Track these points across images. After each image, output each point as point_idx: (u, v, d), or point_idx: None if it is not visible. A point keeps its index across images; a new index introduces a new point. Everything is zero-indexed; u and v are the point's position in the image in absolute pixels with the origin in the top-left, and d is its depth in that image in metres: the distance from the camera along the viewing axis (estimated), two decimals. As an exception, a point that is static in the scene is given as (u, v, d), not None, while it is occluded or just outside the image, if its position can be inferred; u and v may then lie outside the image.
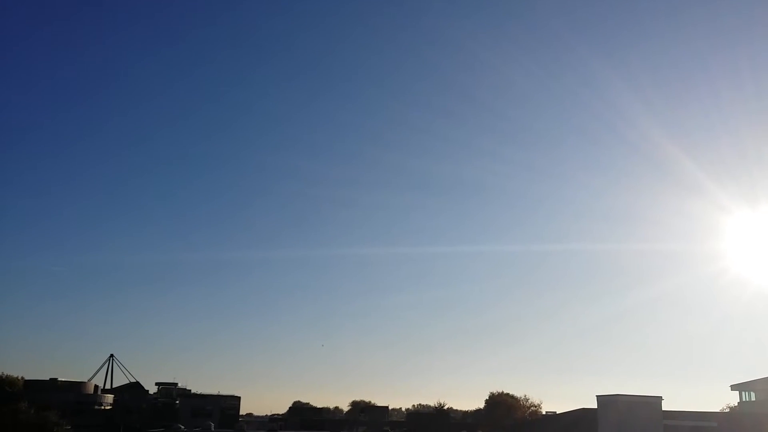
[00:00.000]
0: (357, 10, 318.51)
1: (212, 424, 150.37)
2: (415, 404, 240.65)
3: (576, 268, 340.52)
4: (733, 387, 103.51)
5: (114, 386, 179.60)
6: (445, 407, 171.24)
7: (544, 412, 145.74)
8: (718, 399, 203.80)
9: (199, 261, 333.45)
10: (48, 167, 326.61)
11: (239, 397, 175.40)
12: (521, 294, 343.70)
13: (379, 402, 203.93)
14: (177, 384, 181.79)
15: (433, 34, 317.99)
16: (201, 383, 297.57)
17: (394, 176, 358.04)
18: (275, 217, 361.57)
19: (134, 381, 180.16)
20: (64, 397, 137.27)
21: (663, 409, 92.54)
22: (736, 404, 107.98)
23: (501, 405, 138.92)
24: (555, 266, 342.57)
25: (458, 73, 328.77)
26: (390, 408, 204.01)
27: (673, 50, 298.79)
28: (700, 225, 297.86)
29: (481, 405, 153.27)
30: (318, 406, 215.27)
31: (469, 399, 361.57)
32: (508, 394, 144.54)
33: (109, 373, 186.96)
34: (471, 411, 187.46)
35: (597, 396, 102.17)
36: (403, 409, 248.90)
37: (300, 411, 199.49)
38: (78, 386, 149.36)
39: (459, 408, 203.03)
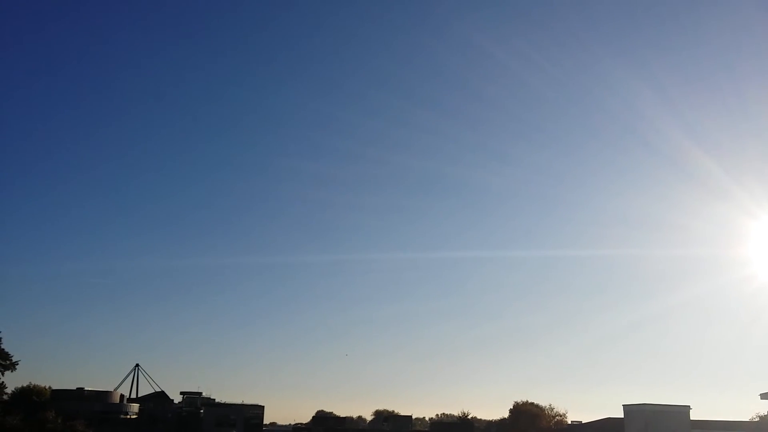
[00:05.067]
0: (362, 5, 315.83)
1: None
2: (439, 413, 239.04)
3: (600, 274, 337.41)
4: (763, 396, 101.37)
5: (139, 395, 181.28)
6: (469, 416, 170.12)
7: (569, 422, 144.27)
8: (747, 408, 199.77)
9: (223, 269, 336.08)
10: (54, 171, 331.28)
11: (263, 406, 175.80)
12: (545, 301, 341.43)
13: (403, 411, 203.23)
14: (201, 393, 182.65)
15: (441, 30, 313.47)
16: (225, 392, 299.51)
17: (417, 180, 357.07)
18: (294, 223, 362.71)
19: (159, 390, 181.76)
20: (91, 407, 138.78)
21: (691, 418, 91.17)
22: (766, 413, 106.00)
23: (525, 414, 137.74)
24: (579, 272, 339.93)
25: (467, 71, 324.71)
26: (413, 417, 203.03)
27: (696, 49, 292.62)
28: (726, 230, 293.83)
29: (506, 414, 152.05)
30: (341, 416, 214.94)
31: (493, 408, 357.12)
32: (532, 403, 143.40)
33: (135, 382, 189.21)
34: (495, 420, 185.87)
35: (623, 405, 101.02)
36: (427, 419, 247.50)
37: (323, 420, 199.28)
38: (104, 396, 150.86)
39: (483, 417, 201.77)
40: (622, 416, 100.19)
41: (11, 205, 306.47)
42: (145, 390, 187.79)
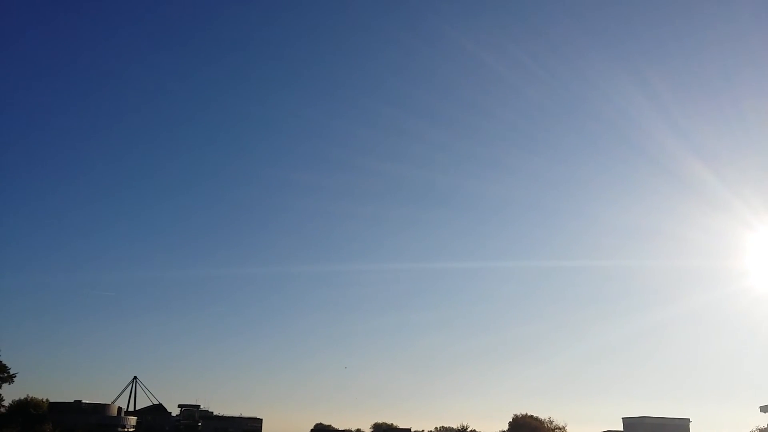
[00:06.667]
0: (355, 12, 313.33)
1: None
2: (438, 426, 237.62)
3: (596, 285, 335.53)
4: (762, 408, 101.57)
5: (137, 408, 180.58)
6: (468, 429, 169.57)
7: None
8: (747, 421, 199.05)
9: (219, 280, 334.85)
10: (50, 181, 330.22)
11: (261, 419, 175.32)
12: (543, 311, 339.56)
13: (402, 424, 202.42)
14: (199, 406, 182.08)
15: (434, 38, 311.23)
16: (223, 405, 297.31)
17: (412, 190, 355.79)
18: (292, 233, 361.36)
19: (157, 403, 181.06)
20: (88, 419, 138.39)
21: (690, 431, 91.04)
22: (766, 426, 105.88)
23: (525, 427, 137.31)
24: (575, 283, 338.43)
25: (461, 79, 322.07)
26: (413, 430, 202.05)
27: (693, 56, 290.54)
28: (723, 241, 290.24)
29: (505, 427, 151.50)
30: (340, 428, 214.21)
31: (492, 420, 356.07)
32: (532, 416, 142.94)
33: (133, 395, 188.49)
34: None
35: (623, 418, 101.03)
36: (426, 431, 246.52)
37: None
38: (102, 408, 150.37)
39: (482, 430, 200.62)
40: (622, 429, 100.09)
41: (6, 216, 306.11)
42: (143, 403, 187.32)
